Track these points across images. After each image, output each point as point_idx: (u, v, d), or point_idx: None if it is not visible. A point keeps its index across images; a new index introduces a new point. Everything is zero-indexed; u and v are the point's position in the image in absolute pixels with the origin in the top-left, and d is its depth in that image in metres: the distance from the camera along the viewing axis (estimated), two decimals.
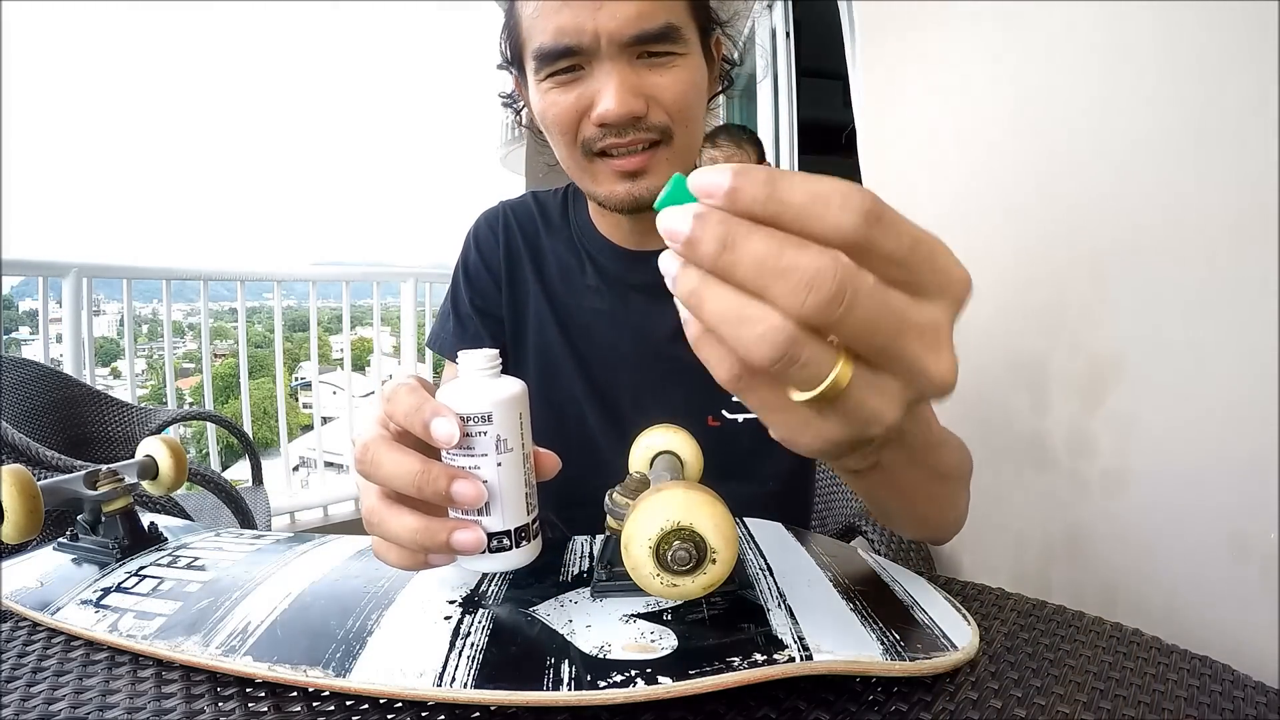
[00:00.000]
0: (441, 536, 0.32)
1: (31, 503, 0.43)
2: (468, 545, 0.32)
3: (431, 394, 0.34)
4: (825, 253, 0.22)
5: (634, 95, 0.53)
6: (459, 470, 0.32)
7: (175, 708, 0.33)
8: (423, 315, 2.84)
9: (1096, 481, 0.76)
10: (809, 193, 0.22)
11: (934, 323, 0.24)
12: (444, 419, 0.32)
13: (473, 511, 0.33)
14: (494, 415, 0.32)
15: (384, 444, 0.32)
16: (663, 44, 0.54)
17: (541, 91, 0.56)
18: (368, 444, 0.33)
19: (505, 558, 0.34)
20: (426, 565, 0.34)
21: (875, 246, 0.22)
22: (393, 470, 0.32)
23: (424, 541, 0.32)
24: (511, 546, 0.34)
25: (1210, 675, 0.36)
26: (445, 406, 0.32)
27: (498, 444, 0.32)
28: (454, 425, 0.31)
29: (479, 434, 0.32)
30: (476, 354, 0.33)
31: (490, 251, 0.70)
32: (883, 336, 0.23)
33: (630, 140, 0.54)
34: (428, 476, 0.31)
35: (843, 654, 0.33)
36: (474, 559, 0.34)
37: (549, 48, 0.53)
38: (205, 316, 2.35)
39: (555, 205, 0.71)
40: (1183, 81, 0.64)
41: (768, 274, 0.22)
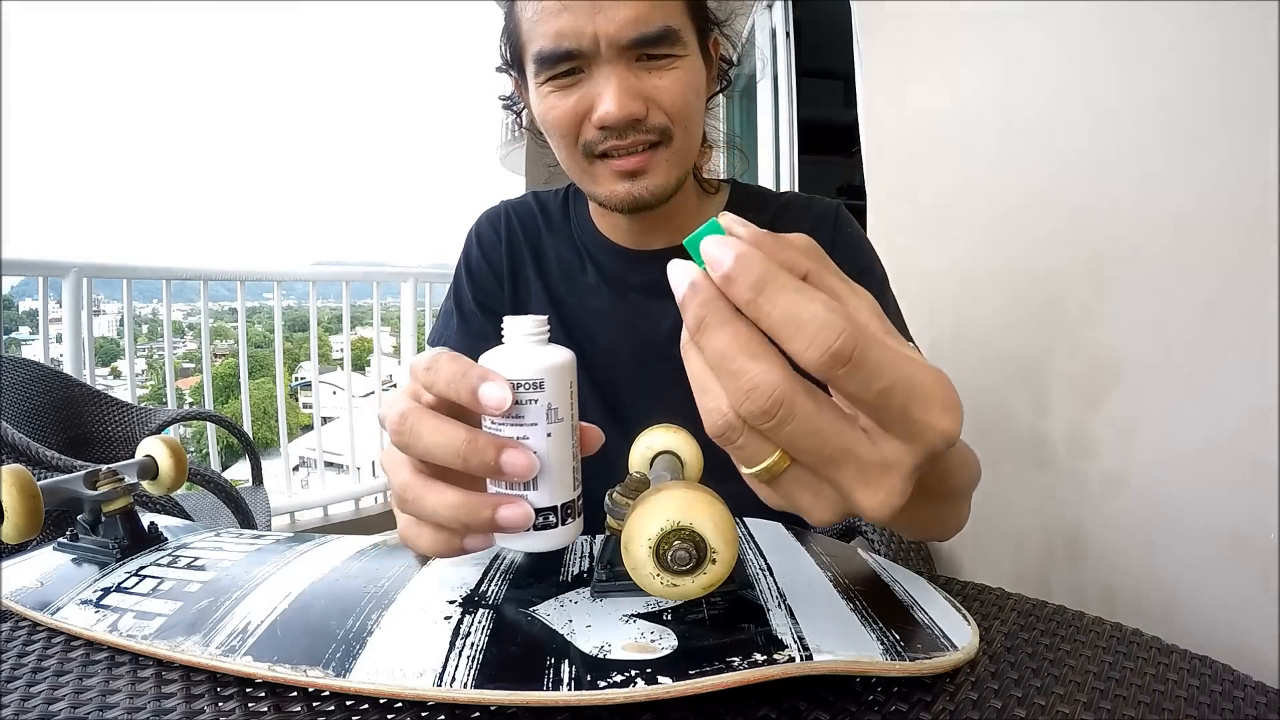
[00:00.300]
0: (485, 513, 0.30)
1: (31, 503, 0.43)
2: (515, 521, 0.30)
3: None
4: (773, 369, 0.23)
5: (633, 98, 0.53)
6: (508, 440, 0.30)
7: (175, 708, 0.33)
8: (423, 315, 2.84)
9: (1096, 481, 0.76)
10: (786, 314, 0.23)
11: (884, 461, 0.25)
12: (494, 384, 0.29)
13: (518, 486, 0.30)
14: (545, 382, 0.30)
15: (423, 413, 0.30)
16: (661, 46, 0.54)
17: (542, 95, 0.56)
18: (405, 413, 0.30)
19: (550, 536, 0.31)
20: (461, 550, 0.32)
21: (836, 385, 0.23)
22: (434, 440, 0.30)
23: (466, 518, 0.30)
24: (557, 524, 0.31)
25: (1210, 675, 0.36)
26: (494, 372, 0.30)
27: (548, 413, 0.30)
28: (505, 390, 0.29)
29: (529, 402, 0.30)
30: (524, 320, 0.31)
31: (492, 249, 0.70)
32: (812, 458, 0.25)
33: (631, 142, 0.55)
34: (474, 446, 0.29)
35: (843, 654, 0.33)
36: (516, 538, 0.31)
37: (549, 51, 0.54)
38: (205, 316, 2.35)
39: (556, 205, 0.71)
40: (1183, 81, 0.64)
41: (719, 368, 0.24)
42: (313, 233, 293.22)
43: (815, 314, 0.22)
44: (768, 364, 0.23)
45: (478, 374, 0.29)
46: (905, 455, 0.25)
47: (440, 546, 0.32)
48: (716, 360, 0.24)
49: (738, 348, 0.23)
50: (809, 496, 0.27)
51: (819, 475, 0.26)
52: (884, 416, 0.24)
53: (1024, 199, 0.91)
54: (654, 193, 0.57)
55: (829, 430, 0.24)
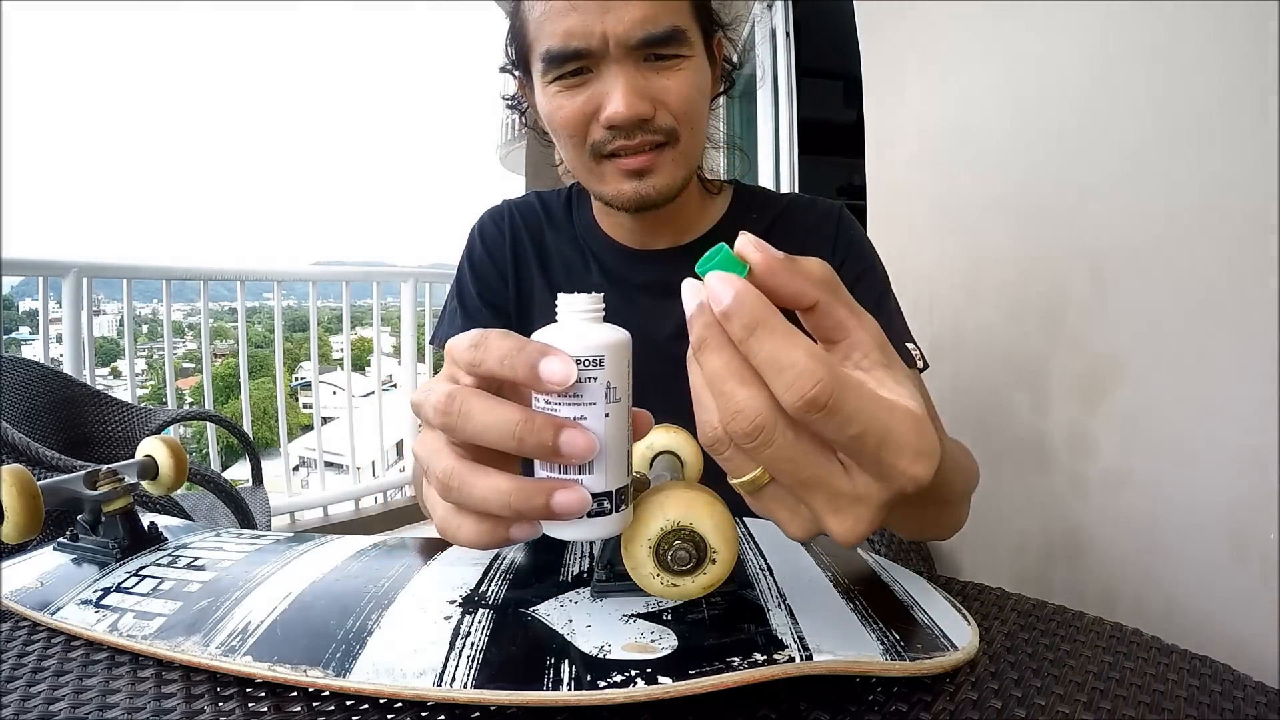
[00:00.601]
0: (539, 499, 0.27)
1: (31, 503, 0.43)
2: (572, 507, 0.28)
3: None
4: (757, 398, 0.25)
5: (641, 98, 0.54)
6: (564, 420, 0.28)
7: (175, 708, 0.33)
8: (422, 315, 2.84)
9: (1096, 481, 0.76)
10: (770, 358, 0.24)
11: (855, 494, 0.26)
12: (556, 359, 0.27)
13: (573, 470, 0.28)
14: (606, 360, 0.28)
15: (472, 393, 0.28)
16: (669, 46, 0.54)
17: (549, 94, 0.56)
18: (453, 394, 0.28)
19: (603, 523, 0.29)
20: (506, 540, 0.29)
21: (813, 428, 0.25)
22: (486, 420, 0.27)
23: (518, 505, 0.27)
24: (611, 510, 0.29)
25: (1210, 675, 0.36)
26: (554, 347, 0.28)
27: (608, 392, 0.28)
28: (570, 365, 0.27)
29: (588, 380, 0.28)
30: (579, 297, 0.29)
31: (496, 246, 0.70)
32: (788, 480, 0.26)
33: (638, 142, 0.55)
34: (530, 426, 0.27)
35: (843, 654, 0.33)
36: (567, 526, 0.29)
37: (557, 50, 0.54)
38: (205, 316, 2.35)
39: (559, 204, 0.71)
40: (1183, 81, 0.64)
41: (713, 387, 0.26)
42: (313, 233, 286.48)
43: (795, 361, 0.24)
44: (754, 391, 0.25)
45: (536, 349, 0.28)
46: (876, 491, 0.26)
47: (484, 537, 0.29)
48: (710, 380, 0.26)
49: (729, 372, 0.25)
50: (785, 513, 0.28)
51: (795, 496, 0.27)
52: (858, 458, 0.26)
53: (1024, 199, 0.91)
54: (660, 192, 0.57)
55: (804, 460, 0.26)
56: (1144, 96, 0.69)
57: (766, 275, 0.26)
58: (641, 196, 0.57)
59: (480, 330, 0.29)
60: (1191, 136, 0.63)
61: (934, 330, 1.10)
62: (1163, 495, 0.67)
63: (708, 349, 0.26)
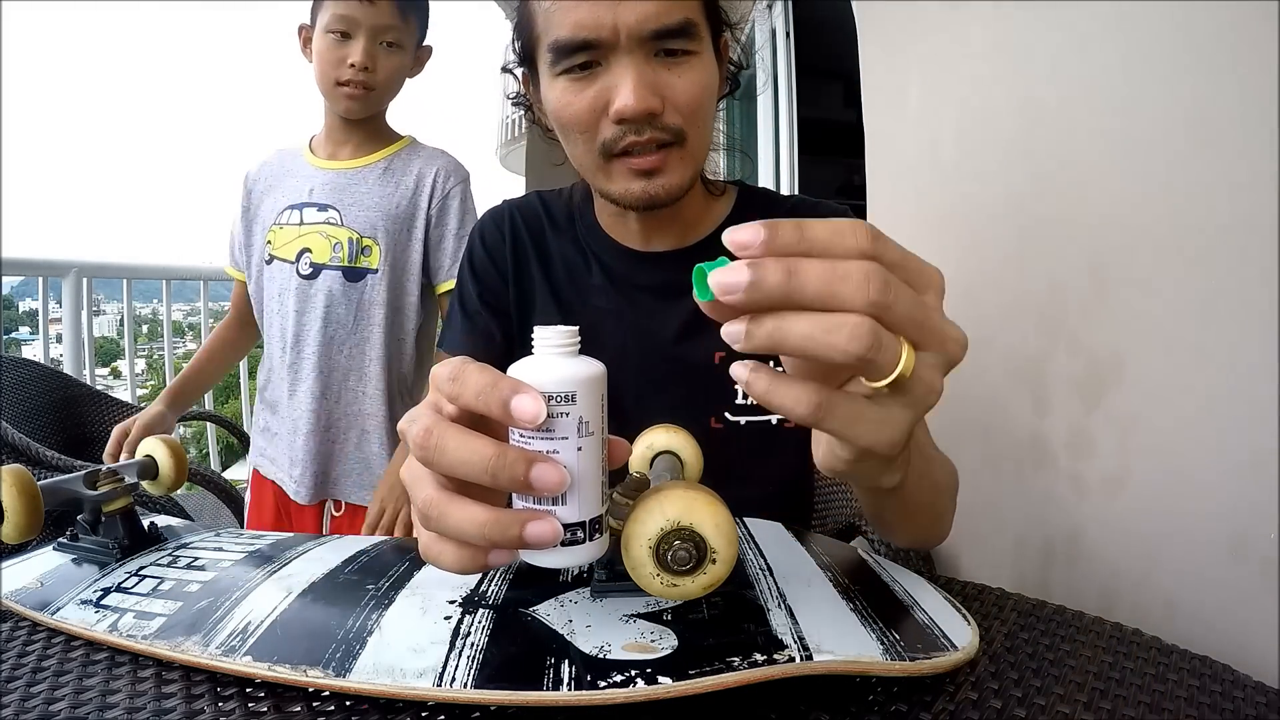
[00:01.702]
0: (513, 530, 0.29)
1: (31, 503, 0.43)
2: (543, 537, 0.29)
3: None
4: (863, 259, 0.27)
5: (651, 92, 0.54)
6: (537, 454, 0.29)
7: (175, 708, 0.33)
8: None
9: (1096, 482, 0.76)
10: (829, 228, 0.27)
11: (936, 305, 0.30)
12: (527, 396, 0.28)
13: (546, 501, 0.29)
14: (578, 395, 0.29)
15: (449, 428, 0.29)
16: (680, 40, 0.54)
17: (557, 89, 0.56)
18: (430, 428, 0.29)
19: (576, 552, 0.30)
20: (485, 566, 0.31)
21: (882, 256, 0.27)
22: (460, 456, 0.29)
23: (493, 535, 0.29)
24: (585, 539, 0.30)
25: (1210, 675, 0.36)
26: (526, 384, 0.29)
27: (580, 426, 0.29)
28: (539, 403, 0.28)
29: (560, 415, 0.29)
30: (553, 330, 0.30)
31: (497, 249, 0.70)
32: (920, 315, 0.28)
33: (648, 139, 0.55)
34: (503, 461, 0.28)
35: (843, 654, 0.33)
36: (542, 554, 0.30)
37: (565, 40, 0.54)
38: (205, 316, 2.35)
39: (561, 205, 0.71)
40: (1183, 81, 0.64)
41: (834, 282, 0.26)
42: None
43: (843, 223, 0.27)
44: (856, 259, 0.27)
45: (509, 385, 0.28)
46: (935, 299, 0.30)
47: (464, 563, 0.30)
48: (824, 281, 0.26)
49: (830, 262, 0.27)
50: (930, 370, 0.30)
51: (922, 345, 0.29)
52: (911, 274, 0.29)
53: (1024, 199, 0.91)
54: (669, 191, 0.57)
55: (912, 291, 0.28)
56: (1144, 96, 0.69)
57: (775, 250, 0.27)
58: (650, 196, 0.57)
59: (457, 361, 0.30)
60: (1191, 137, 0.63)
61: None
62: (1162, 495, 0.67)
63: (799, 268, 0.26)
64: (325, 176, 1.13)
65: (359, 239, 1.10)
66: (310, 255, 1.11)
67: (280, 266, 1.13)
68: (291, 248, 1.12)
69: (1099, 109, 0.76)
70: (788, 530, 0.50)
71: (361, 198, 1.11)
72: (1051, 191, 0.85)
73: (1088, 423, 0.77)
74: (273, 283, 1.14)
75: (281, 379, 1.14)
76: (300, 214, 1.13)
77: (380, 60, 1.08)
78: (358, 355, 1.12)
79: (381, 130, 1.16)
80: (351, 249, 1.10)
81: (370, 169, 1.13)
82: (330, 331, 1.10)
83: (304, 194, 1.13)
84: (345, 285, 1.10)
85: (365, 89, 1.08)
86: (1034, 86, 0.89)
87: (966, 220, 1.05)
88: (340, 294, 1.10)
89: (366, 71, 1.07)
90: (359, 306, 1.11)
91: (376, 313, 1.11)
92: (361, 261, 1.10)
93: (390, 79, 1.11)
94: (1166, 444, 0.66)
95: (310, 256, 1.11)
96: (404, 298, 1.13)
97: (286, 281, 1.12)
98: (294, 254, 1.12)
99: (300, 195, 1.13)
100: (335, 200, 1.12)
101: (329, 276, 1.10)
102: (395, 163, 1.14)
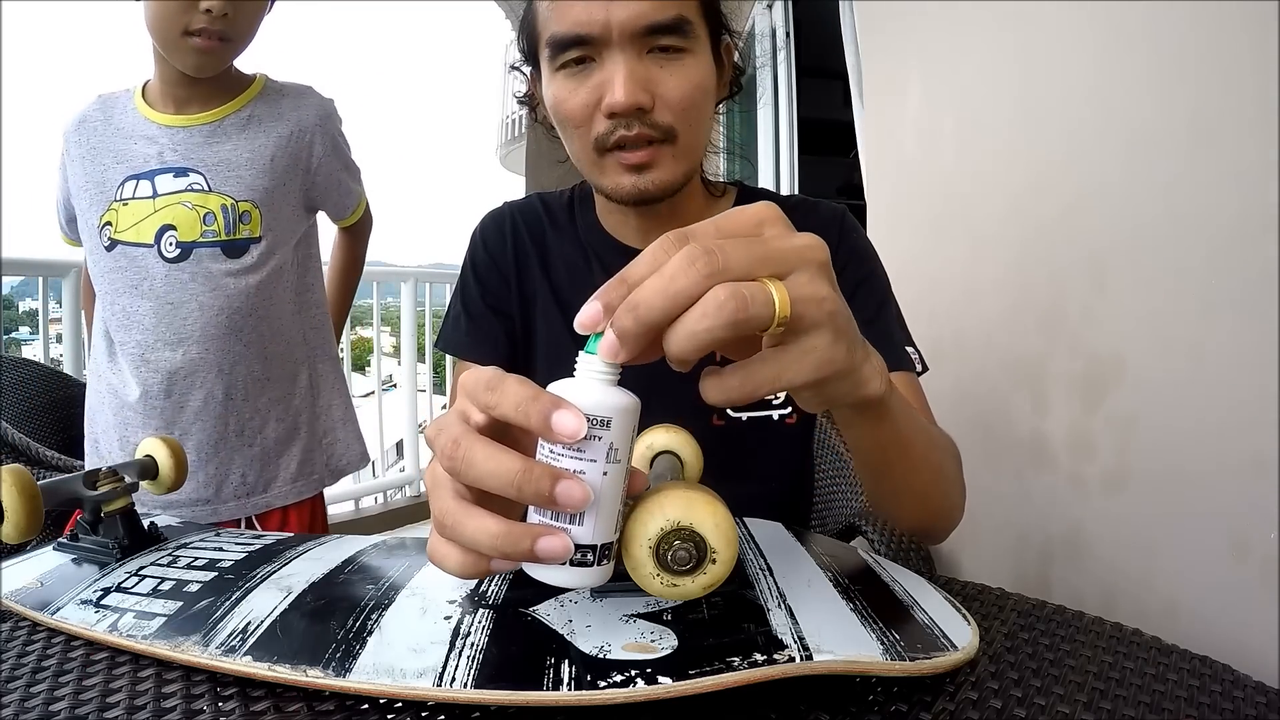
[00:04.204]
0: (525, 544, 0.29)
1: (31, 503, 0.43)
2: (554, 553, 0.29)
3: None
4: (681, 253, 0.29)
5: (641, 88, 0.55)
6: (562, 470, 0.29)
7: (175, 707, 0.33)
8: (422, 315, 2.84)
9: (1096, 482, 0.76)
10: (644, 261, 0.29)
11: (774, 234, 0.31)
12: (569, 413, 0.29)
13: (564, 518, 0.30)
14: (613, 422, 0.30)
15: (477, 440, 0.30)
16: (673, 36, 0.55)
17: (555, 84, 0.58)
18: (459, 439, 0.30)
19: (583, 573, 0.31)
20: (487, 571, 0.32)
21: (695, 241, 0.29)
22: (488, 468, 0.29)
23: (504, 548, 0.29)
24: (594, 563, 0.31)
25: (1210, 675, 0.36)
26: (567, 401, 0.29)
27: (610, 452, 0.30)
28: (580, 420, 0.28)
29: (593, 437, 0.30)
30: (598, 358, 0.31)
31: (498, 250, 0.70)
32: (759, 250, 0.30)
33: (637, 134, 0.55)
34: (529, 476, 0.29)
35: (843, 654, 0.33)
36: (548, 570, 0.31)
37: (561, 35, 0.55)
38: None
39: (561, 206, 0.72)
40: (1183, 80, 0.64)
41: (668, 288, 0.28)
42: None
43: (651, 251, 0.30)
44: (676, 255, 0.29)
45: (550, 400, 0.29)
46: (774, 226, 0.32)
47: (468, 569, 0.31)
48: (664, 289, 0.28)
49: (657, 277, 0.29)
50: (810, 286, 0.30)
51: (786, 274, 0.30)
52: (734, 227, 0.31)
53: (1023, 200, 0.91)
54: (660, 186, 0.58)
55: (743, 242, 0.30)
56: (1144, 96, 0.69)
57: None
58: (640, 191, 0.58)
59: (497, 372, 0.31)
60: (1192, 137, 0.63)
61: (934, 331, 1.10)
62: (1163, 495, 0.67)
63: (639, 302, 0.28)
64: (176, 135, 0.93)
65: (235, 204, 0.92)
66: (175, 234, 0.91)
67: (129, 252, 0.92)
68: (146, 227, 0.91)
69: (1099, 109, 0.76)
70: (788, 530, 0.50)
71: (229, 155, 0.93)
72: (1051, 191, 0.85)
73: (1088, 423, 0.77)
74: (121, 274, 0.92)
75: (156, 395, 0.93)
76: (151, 184, 0.92)
77: (239, 4, 0.88)
78: (257, 340, 0.95)
79: (231, 75, 0.96)
80: (228, 218, 0.92)
81: (230, 121, 0.94)
82: (223, 320, 0.92)
83: (151, 158, 0.93)
84: (226, 262, 0.92)
85: (221, 40, 0.88)
86: (1034, 87, 0.89)
87: (966, 220, 1.05)
88: (223, 274, 0.92)
89: (225, 19, 0.87)
90: (250, 283, 0.93)
91: (274, 281, 0.96)
92: (242, 231, 0.93)
93: (251, 28, 0.93)
94: (1166, 444, 0.66)
95: (175, 235, 0.91)
96: (294, 261, 1.00)
97: (145, 270, 0.92)
98: (151, 234, 0.91)
99: (145, 160, 0.93)
100: (195, 162, 0.92)
101: (204, 255, 0.92)
102: (259, 109, 0.96)
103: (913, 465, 0.49)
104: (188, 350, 0.92)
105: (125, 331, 0.94)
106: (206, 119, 0.94)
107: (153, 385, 0.93)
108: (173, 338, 0.92)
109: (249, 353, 0.96)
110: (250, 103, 0.97)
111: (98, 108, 0.98)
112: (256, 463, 0.98)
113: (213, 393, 0.94)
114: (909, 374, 0.61)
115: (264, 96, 0.98)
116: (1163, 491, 0.67)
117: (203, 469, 0.95)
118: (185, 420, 0.94)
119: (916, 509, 0.53)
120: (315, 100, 1.01)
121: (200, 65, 0.90)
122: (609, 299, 0.29)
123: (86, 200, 0.95)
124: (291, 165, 0.97)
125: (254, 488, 0.99)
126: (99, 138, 0.95)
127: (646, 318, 0.28)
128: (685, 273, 0.28)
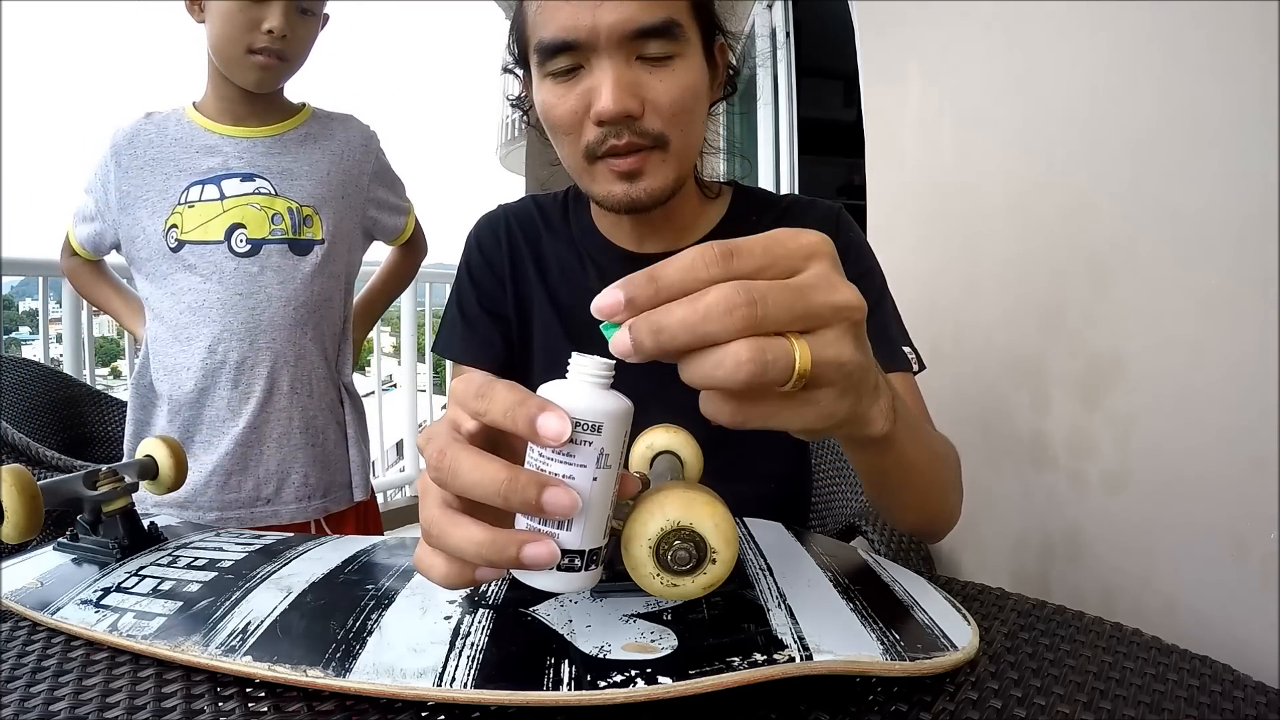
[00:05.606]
0: (510, 551, 0.29)
1: (31, 503, 0.43)
2: (540, 559, 0.29)
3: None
4: (716, 286, 0.27)
5: (630, 94, 0.54)
6: (549, 477, 0.29)
7: (175, 707, 0.33)
8: (422, 315, 2.84)
9: (1096, 481, 0.76)
10: (679, 266, 0.28)
11: (817, 276, 0.29)
12: (554, 415, 0.28)
13: (552, 523, 0.30)
14: (604, 427, 0.29)
15: (463, 449, 0.30)
16: (662, 40, 0.54)
17: (544, 90, 0.57)
18: (444, 449, 0.30)
19: (571, 578, 0.31)
20: (473, 581, 0.32)
21: (739, 270, 0.28)
22: (474, 478, 0.29)
23: (490, 556, 0.29)
24: (581, 568, 0.31)
25: (1210, 675, 0.36)
26: (554, 403, 0.29)
27: (600, 457, 0.29)
28: (565, 423, 0.28)
29: (583, 442, 0.29)
30: (591, 360, 0.30)
31: (493, 253, 0.70)
32: (799, 305, 0.28)
33: (626, 143, 0.55)
34: (515, 485, 0.29)
35: (843, 654, 0.33)
36: (536, 575, 0.31)
37: (549, 41, 0.54)
38: None
39: (556, 208, 0.71)
40: (1184, 81, 0.64)
41: (699, 325, 0.27)
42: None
43: (691, 256, 0.28)
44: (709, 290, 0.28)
45: (536, 404, 0.29)
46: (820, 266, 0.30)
47: (453, 578, 0.31)
48: (690, 327, 0.27)
49: (688, 304, 0.27)
50: (834, 348, 0.29)
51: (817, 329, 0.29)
52: (781, 261, 0.29)
53: (1023, 199, 0.91)
54: (651, 194, 0.57)
55: (784, 284, 0.28)
56: (1144, 96, 0.69)
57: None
58: (631, 199, 0.57)
59: (487, 378, 0.31)
60: (1192, 137, 0.63)
61: (934, 330, 1.10)
62: (1162, 495, 0.67)
63: (660, 324, 0.27)
64: (240, 145, 1.00)
65: (299, 208, 1.00)
66: (245, 231, 0.97)
67: (197, 250, 0.97)
68: (214, 226, 0.97)
69: (1099, 109, 0.76)
70: (788, 530, 0.50)
71: (290, 165, 1.01)
72: (1051, 191, 0.85)
73: (1088, 422, 0.77)
74: (189, 271, 0.97)
75: (222, 385, 0.97)
76: (218, 187, 0.99)
77: (297, 27, 0.95)
78: (319, 339, 1.01)
79: (282, 97, 1.05)
80: (294, 219, 0.99)
81: (289, 136, 1.03)
82: (290, 312, 0.98)
83: (215, 166, 0.99)
84: (294, 259, 0.99)
85: (280, 59, 0.96)
86: (1035, 87, 0.89)
87: (967, 220, 1.05)
88: (291, 270, 0.99)
89: (285, 40, 0.94)
90: (314, 281, 1.00)
91: (331, 285, 1.02)
92: (305, 233, 1.00)
93: (306, 49, 0.99)
94: (1166, 444, 0.66)
95: (245, 232, 0.97)
96: (348, 268, 1.07)
97: (215, 265, 0.97)
98: (220, 232, 0.97)
99: (209, 169, 0.99)
100: (260, 169, 1.00)
101: (272, 250, 0.98)
102: (313, 129, 1.05)
103: (914, 483, 0.48)
104: (255, 340, 0.97)
105: (193, 326, 0.97)
106: (267, 132, 1.01)
107: (221, 376, 0.97)
108: (241, 328, 0.96)
109: (314, 349, 1.01)
110: (305, 123, 1.05)
111: (149, 123, 1.03)
112: (318, 464, 1.02)
113: (278, 384, 0.98)
114: (906, 374, 0.60)
115: (316, 119, 1.07)
116: (1163, 491, 0.67)
117: (262, 465, 0.98)
118: (250, 410, 0.97)
119: (914, 515, 0.53)
120: (359, 125, 1.10)
121: (260, 81, 0.97)
122: (632, 293, 0.27)
123: (146, 209, 0.99)
124: (344, 180, 1.05)
125: (314, 490, 1.02)
126: (156, 149, 1.00)
127: (668, 345, 0.27)
128: (719, 320, 0.27)
